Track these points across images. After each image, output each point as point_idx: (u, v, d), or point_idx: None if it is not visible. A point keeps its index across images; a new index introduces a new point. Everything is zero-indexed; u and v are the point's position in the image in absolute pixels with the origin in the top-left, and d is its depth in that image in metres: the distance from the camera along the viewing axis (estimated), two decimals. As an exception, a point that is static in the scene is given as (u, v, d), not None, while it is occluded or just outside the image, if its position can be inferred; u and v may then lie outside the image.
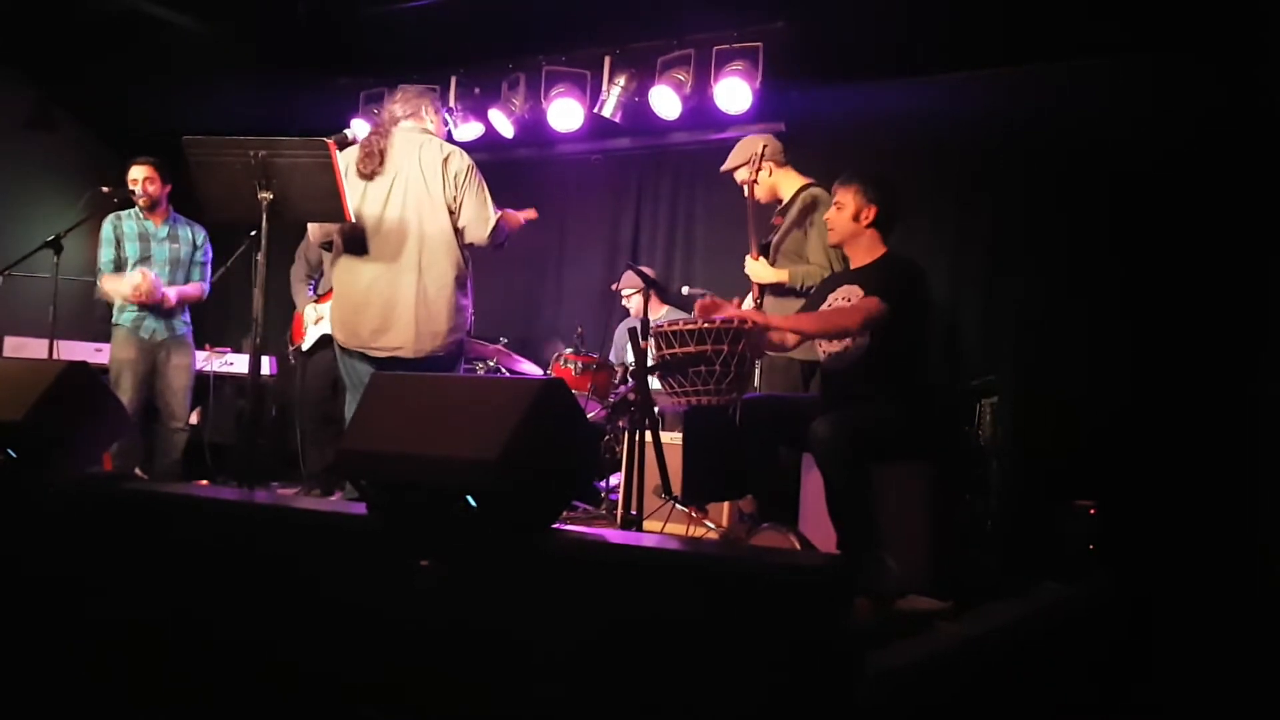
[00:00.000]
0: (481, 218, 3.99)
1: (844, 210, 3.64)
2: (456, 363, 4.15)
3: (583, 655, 2.18)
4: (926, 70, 5.50)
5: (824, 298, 3.69)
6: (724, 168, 4.63)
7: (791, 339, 3.80)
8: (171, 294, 5.18)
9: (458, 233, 3.98)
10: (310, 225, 4.21)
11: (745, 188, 4.52)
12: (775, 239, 4.44)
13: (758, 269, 4.33)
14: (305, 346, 5.48)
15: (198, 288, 5.34)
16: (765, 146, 4.45)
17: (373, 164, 3.94)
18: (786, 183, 4.52)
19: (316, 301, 5.51)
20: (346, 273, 4.00)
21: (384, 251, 3.93)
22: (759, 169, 4.43)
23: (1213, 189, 4.75)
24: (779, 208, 4.53)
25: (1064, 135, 5.15)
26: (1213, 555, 4.35)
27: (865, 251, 3.66)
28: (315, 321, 5.44)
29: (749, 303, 4.37)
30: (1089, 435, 4.77)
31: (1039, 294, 5.17)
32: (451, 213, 3.96)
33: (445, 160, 3.96)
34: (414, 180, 3.94)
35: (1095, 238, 5.05)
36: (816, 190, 4.35)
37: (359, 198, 3.92)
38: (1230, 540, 4.37)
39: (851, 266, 3.73)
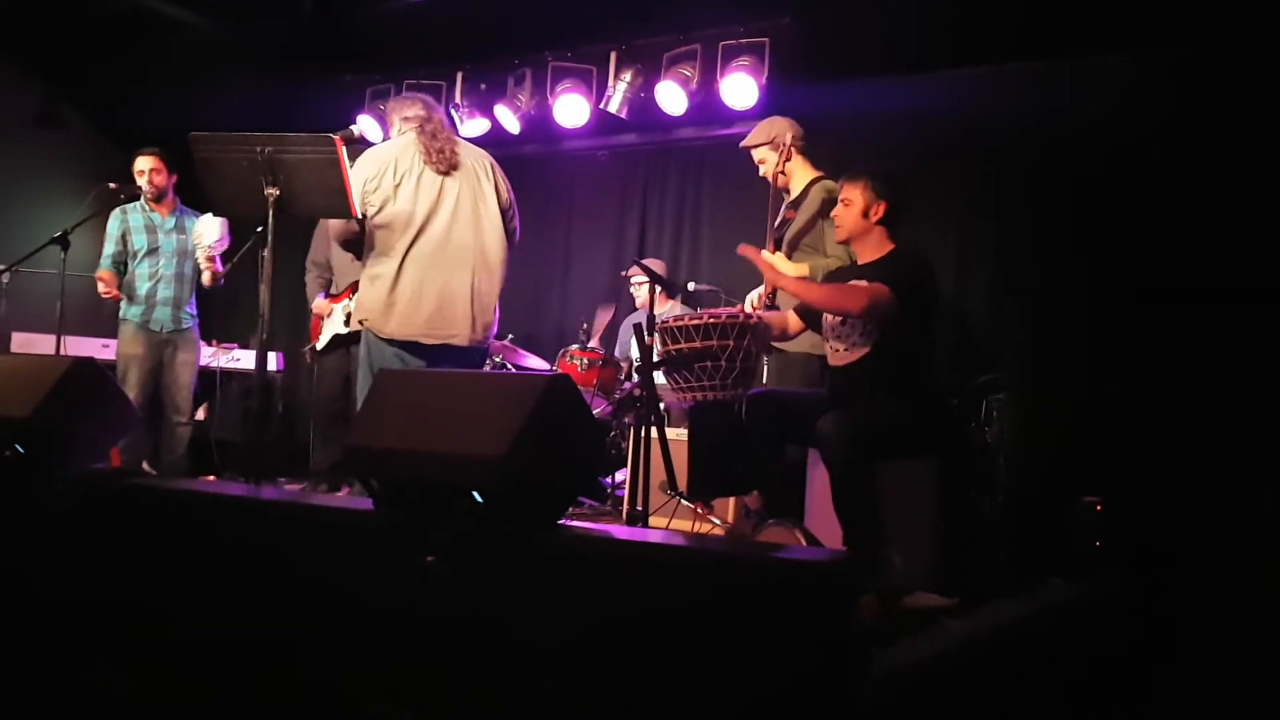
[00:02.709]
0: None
1: (852, 207, 3.61)
2: (486, 355, 4.44)
3: (588, 651, 2.18)
4: (934, 66, 5.48)
5: (833, 289, 3.68)
6: (744, 143, 4.59)
7: (794, 327, 3.79)
8: (218, 263, 5.25)
9: (508, 234, 4.24)
10: (331, 222, 4.25)
11: (762, 166, 4.50)
12: (790, 234, 4.42)
13: (776, 263, 4.31)
14: (320, 346, 5.50)
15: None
16: (791, 134, 4.41)
17: (446, 162, 4.08)
18: (799, 174, 4.47)
19: (331, 301, 5.52)
20: (393, 264, 4.01)
21: (447, 247, 4.05)
22: (787, 158, 4.41)
23: (1219, 186, 4.73)
24: (789, 200, 4.51)
25: (1072, 132, 5.12)
26: (1220, 551, 4.34)
27: (873, 248, 3.63)
28: (328, 315, 5.45)
29: (755, 298, 4.35)
30: (1095, 432, 4.76)
31: (1046, 290, 5.15)
32: (504, 213, 4.21)
33: (492, 166, 4.23)
34: (476, 183, 4.15)
35: (1102, 234, 5.04)
36: (830, 183, 4.29)
37: (435, 193, 4.04)
38: (1237, 536, 4.36)
39: (859, 263, 3.71)
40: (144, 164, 5.27)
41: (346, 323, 5.29)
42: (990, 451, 4.37)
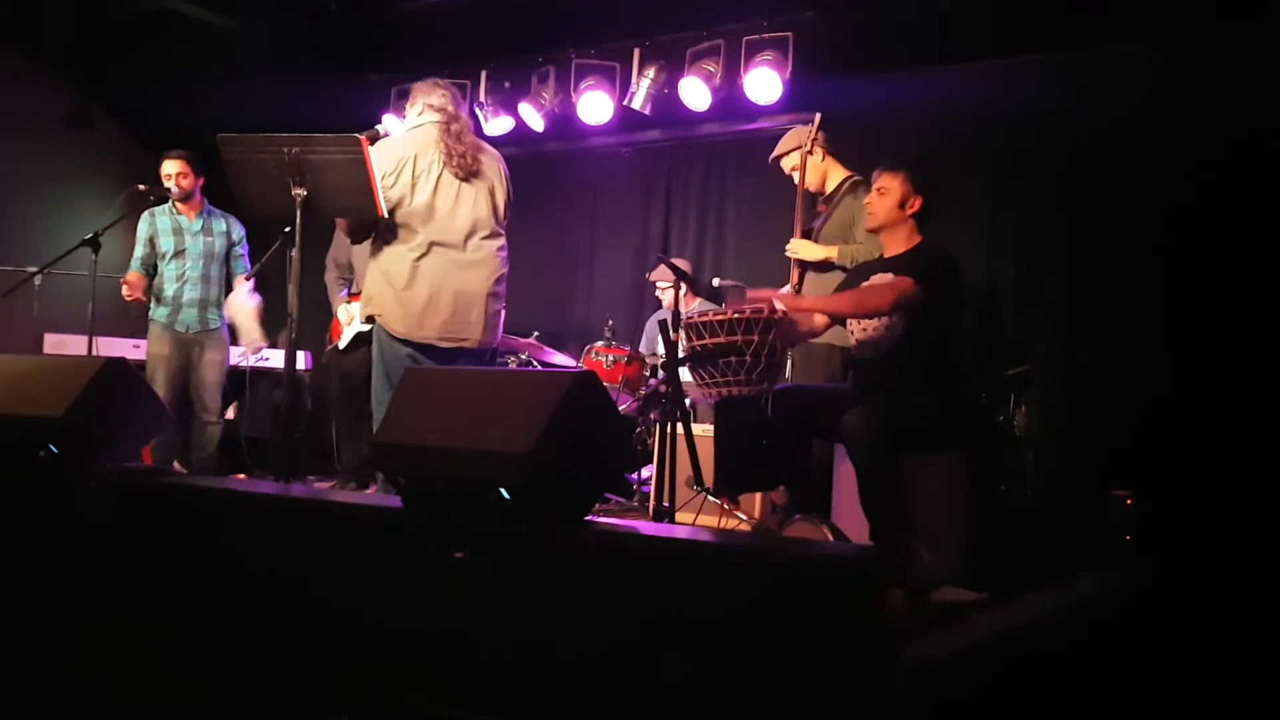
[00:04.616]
0: None
1: (888, 196, 3.59)
2: (496, 354, 4.41)
3: (616, 645, 2.19)
4: (959, 58, 5.45)
5: (856, 285, 3.67)
6: (774, 154, 4.64)
7: (821, 323, 3.79)
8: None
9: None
10: (340, 220, 4.25)
11: (795, 174, 4.53)
12: (818, 225, 4.44)
13: (804, 246, 4.33)
14: (342, 345, 5.54)
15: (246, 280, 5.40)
16: (818, 131, 4.46)
17: (467, 169, 4.03)
18: (833, 173, 4.55)
19: (349, 301, 5.56)
20: (408, 263, 3.98)
21: (464, 250, 4.02)
22: (811, 152, 4.44)
23: (1255, 178, 4.68)
24: (822, 197, 4.54)
25: (1101, 122, 5.09)
26: (1252, 544, 4.30)
27: (901, 240, 3.62)
28: (348, 322, 5.49)
29: (785, 288, 4.35)
30: (1125, 425, 4.73)
31: (1075, 282, 5.12)
32: (505, 219, 4.19)
33: (506, 173, 4.19)
34: (492, 188, 4.11)
35: (1131, 225, 5.00)
36: (861, 178, 4.35)
37: (453, 196, 4.00)
38: (1270, 530, 4.31)
39: (886, 255, 3.69)
40: (171, 168, 5.31)
41: (367, 320, 5.32)
42: (1019, 444, 4.35)
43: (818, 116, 4.48)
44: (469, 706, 2.35)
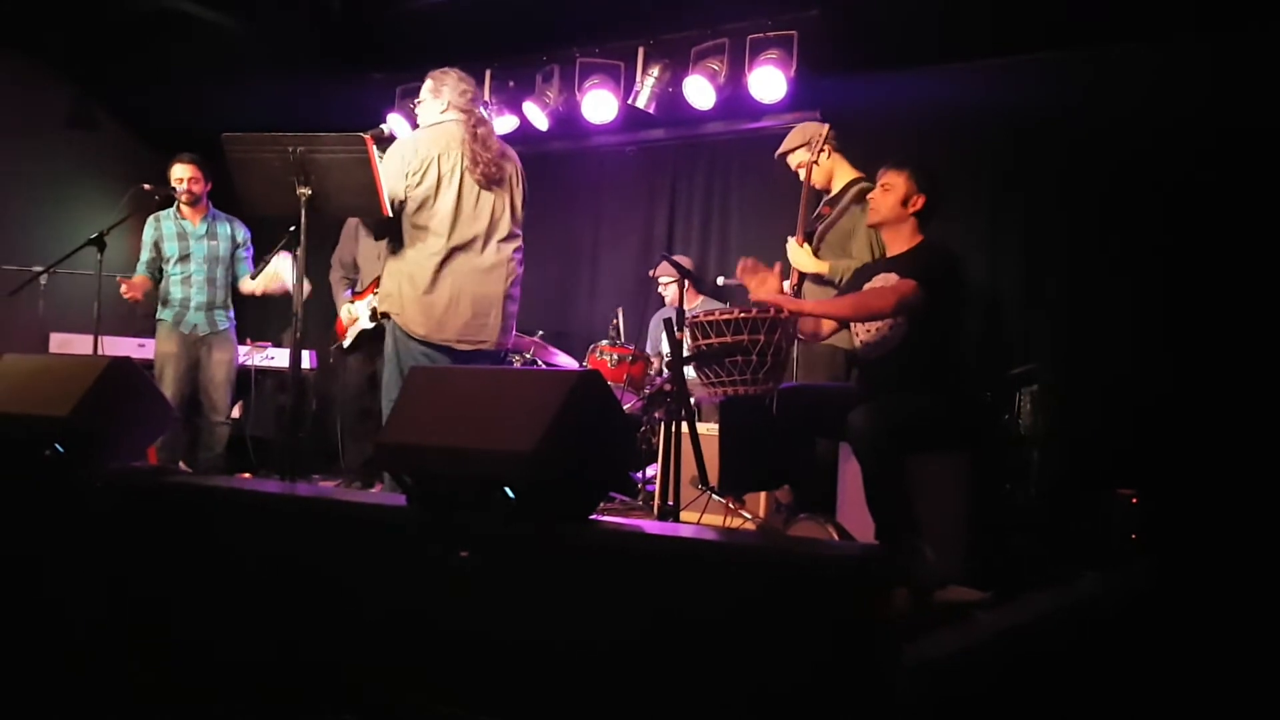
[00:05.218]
0: None
1: (892, 193, 3.58)
2: (506, 355, 4.48)
3: (620, 644, 2.19)
4: (963, 56, 5.45)
5: (859, 286, 3.67)
6: (780, 150, 4.60)
7: (827, 326, 3.79)
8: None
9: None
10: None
11: (801, 171, 4.49)
12: (821, 228, 4.42)
13: (800, 256, 4.31)
14: (346, 344, 5.55)
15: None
16: (826, 130, 4.42)
17: (490, 177, 4.03)
18: (841, 172, 4.49)
19: (353, 300, 5.57)
20: (430, 267, 3.96)
21: (484, 256, 4.03)
22: (820, 150, 4.40)
23: (1257, 176, 4.68)
24: (828, 197, 4.51)
25: (1103, 121, 5.08)
26: (1257, 544, 4.30)
27: (903, 239, 3.62)
28: (351, 321, 5.50)
29: (786, 287, 4.34)
30: (1130, 423, 4.72)
31: (1077, 281, 5.11)
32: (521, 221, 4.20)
33: (524, 175, 4.19)
34: (511, 192, 4.13)
35: (1134, 224, 4.99)
36: (868, 184, 4.31)
37: (473, 202, 4.00)
38: (1274, 528, 4.31)
39: (888, 254, 3.69)
40: (182, 173, 5.32)
41: (372, 318, 5.33)
42: (1023, 444, 4.35)
43: (826, 125, 4.46)
44: (470, 706, 2.35)
